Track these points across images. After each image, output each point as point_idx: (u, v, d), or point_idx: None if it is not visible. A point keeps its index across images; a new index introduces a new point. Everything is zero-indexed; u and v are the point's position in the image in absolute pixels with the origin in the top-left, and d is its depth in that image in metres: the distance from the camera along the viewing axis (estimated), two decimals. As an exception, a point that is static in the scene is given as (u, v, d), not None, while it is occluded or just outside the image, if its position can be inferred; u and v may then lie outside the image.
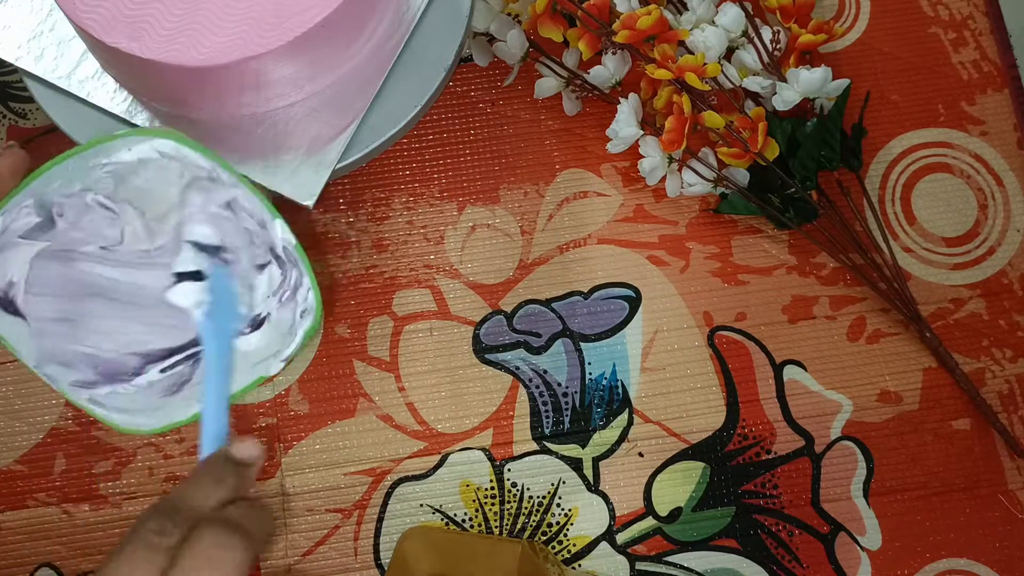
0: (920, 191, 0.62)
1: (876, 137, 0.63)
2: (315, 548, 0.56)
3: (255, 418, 0.58)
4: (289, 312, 0.38)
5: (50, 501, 0.57)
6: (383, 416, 0.58)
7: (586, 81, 0.59)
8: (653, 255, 0.61)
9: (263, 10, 0.41)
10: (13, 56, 0.46)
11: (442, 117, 0.63)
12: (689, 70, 0.54)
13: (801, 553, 0.56)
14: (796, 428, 0.58)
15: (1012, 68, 0.64)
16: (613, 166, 0.62)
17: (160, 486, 0.57)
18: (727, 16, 0.56)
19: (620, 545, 0.56)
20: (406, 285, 0.60)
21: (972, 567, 0.56)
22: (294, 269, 0.38)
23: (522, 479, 0.57)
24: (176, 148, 0.37)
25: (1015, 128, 0.63)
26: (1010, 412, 0.58)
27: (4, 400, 0.58)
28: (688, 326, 0.59)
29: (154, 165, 0.37)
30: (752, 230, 0.61)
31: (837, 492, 0.57)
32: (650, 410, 0.58)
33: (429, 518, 0.56)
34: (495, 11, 0.60)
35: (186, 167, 0.38)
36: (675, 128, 0.55)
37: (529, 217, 0.61)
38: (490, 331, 0.59)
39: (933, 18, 0.65)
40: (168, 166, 0.38)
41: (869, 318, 0.60)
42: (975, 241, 0.61)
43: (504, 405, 0.58)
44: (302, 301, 0.38)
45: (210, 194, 0.38)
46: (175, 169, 0.38)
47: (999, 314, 0.60)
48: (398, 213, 0.61)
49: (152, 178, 0.38)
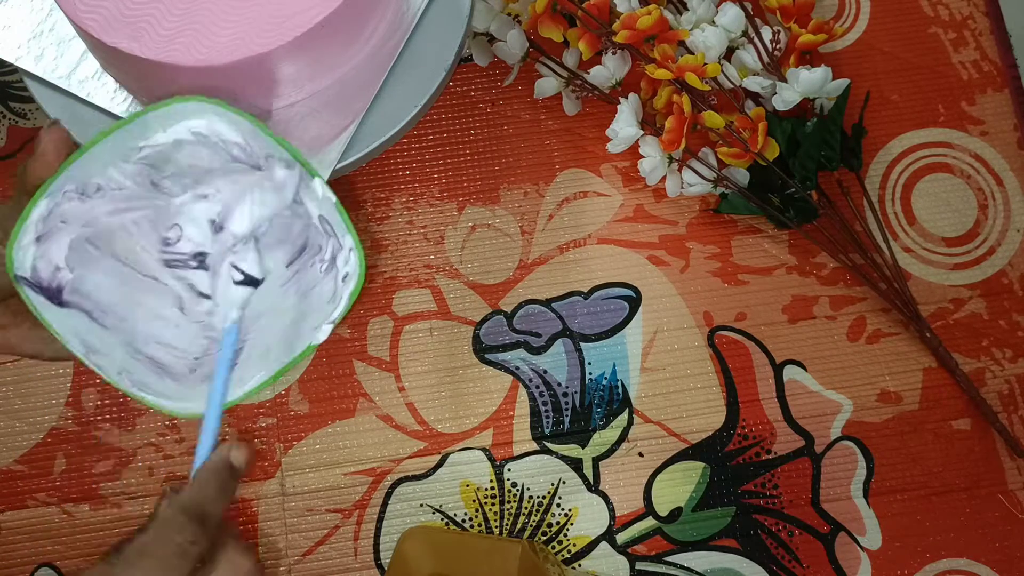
0: (920, 191, 0.62)
1: (876, 137, 0.63)
2: (315, 548, 0.56)
3: (255, 418, 0.58)
4: (331, 280, 0.38)
5: (50, 501, 0.57)
6: (383, 416, 0.58)
7: (586, 81, 0.59)
8: (653, 255, 0.61)
9: (263, 10, 0.41)
10: (13, 56, 0.46)
11: (442, 117, 0.63)
12: (689, 70, 0.54)
13: (801, 553, 0.56)
14: (796, 428, 0.58)
15: (1012, 68, 0.64)
16: (613, 166, 0.62)
17: (160, 486, 0.57)
18: (727, 16, 0.56)
19: (620, 545, 0.56)
20: (406, 285, 0.60)
21: (972, 567, 0.56)
22: (331, 239, 0.38)
23: (522, 479, 0.57)
24: (208, 126, 0.37)
25: (1015, 128, 0.63)
26: (1010, 412, 0.58)
27: (4, 400, 0.58)
28: (688, 326, 0.59)
29: (187, 152, 0.37)
30: (752, 230, 0.61)
31: (837, 492, 0.57)
32: (650, 410, 0.58)
33: (429, 518, 0.56)
34: (495, 11, 0.60)
35: (215, 152, 0.37)
36: (675, 128, 0.55)
37: (529, 217, 0.61)
38: (490, 331, 0.59)
39: (933, 18, 0.65)
40: (198, 154, 0.37)
41: (869, 318, 0.60)
42: (975, 241, 0.61)
43: (504, 405, 0.58)
44: (343, 266, 0.37)
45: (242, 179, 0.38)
46: (204, 157, 0.37)
47: (999, 314, 0.60)
48: (398, 213, 0.61)
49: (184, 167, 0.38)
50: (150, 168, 0.37)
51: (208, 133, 0.37)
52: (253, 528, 0.56)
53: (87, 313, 0.36)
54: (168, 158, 0.37)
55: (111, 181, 0.36)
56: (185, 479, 0.57)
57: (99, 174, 0.36)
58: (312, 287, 0.39)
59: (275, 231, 0.38)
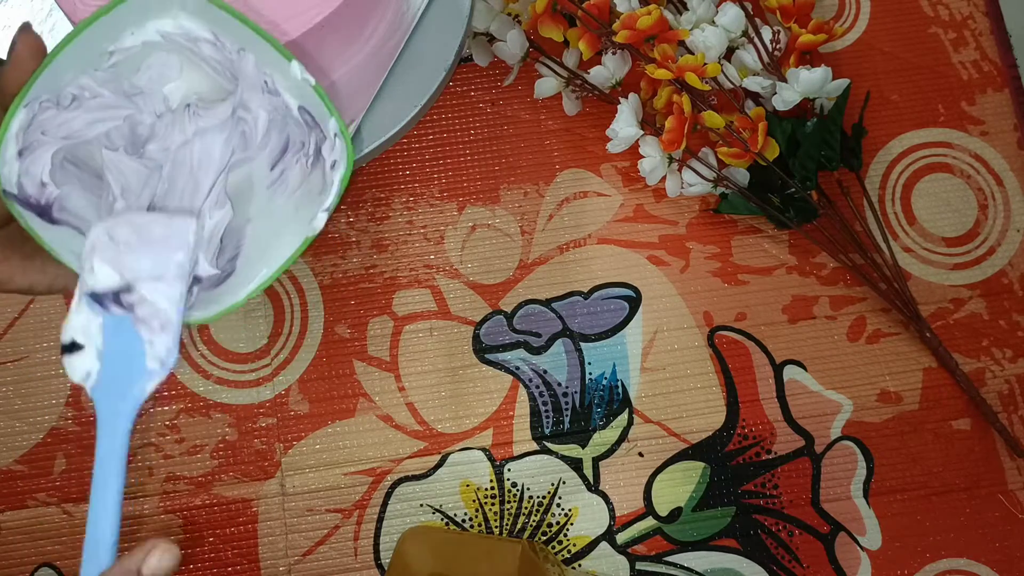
0: (920, 191, 0.62)
1: (876, 137, 0.63)
2: (315, 548, 0.56)
3: (255, 418, 0.58)
4: (319, 172, 0.38)
5: (50, 501, 0.57)
6: (383, 416, 0.58)
7: (586, 81, 0.59)
8: (653, 255, 0.61)
9: (263, 11, 0.41)
10: (13, 56, 0.46)
11: (442, 117, 0.63)
12: (689, 70, 0.54)
13: (801, 553, 0.56)
14: (796, 428, 0.58)
15: (1012, 68, 0.64)
16: (613, 166, 0.62)
17: (160, 486, 0.57)
18: (727, 16, 0.56)
19: (620, 545, 0.56)
20: (406, 285, 0.60)
21: (972, 567, 0.56)
22: (313, 131, 0.37)
23: (522, 479, 0.57)
24: (176, 24, 0.36)
25: (1015, 128, 0.63)
26: (1010, 412, 0.58)
27: (4, 400, 0.58)
28: (688, 326, 0.59)
29: (158, 56, 0.37)
30: (752, 230, 0.61)
31: (837, 492, 0.57)
32: (650, 410, 0.58)
33: (429, 518, 0.56)
34: (495, 11, 0.60)
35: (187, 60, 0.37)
36: (675, 128, 0.55)
37: (529, 217, 0.61)
38: (490, 331, 0.59)
39: (933, 18, 0.65)
40: (168, 62, 0.37)
41: (869, 318, 0.60)
42: (975, 241, 0.61)
43: (504, 405, 0.58)
44: (329, 154, 0.37)
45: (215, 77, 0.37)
46: (174, 65, 0.37)
47: (999, 314, 0.60)
48: (398, 213, 0.61)
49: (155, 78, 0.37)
50: (122, 76, 0.37)
51: (176, 32, 0.36)
52: (253, 528, 0.56)
53: (77, 230, 0.36)
54: (139, 66, 0.37)
55: (85, 90, 0.36)
56: (185, 479, 0.57)
57: (72, 82, 0.35)
58: (300, 183, 0.38)
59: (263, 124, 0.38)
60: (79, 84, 0.36)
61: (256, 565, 0.56)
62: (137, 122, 0.38)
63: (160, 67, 0.37)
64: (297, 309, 0.59)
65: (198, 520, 0.56)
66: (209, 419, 0.58)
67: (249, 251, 0.38)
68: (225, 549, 0.56)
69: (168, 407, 0.58)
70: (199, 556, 0.56)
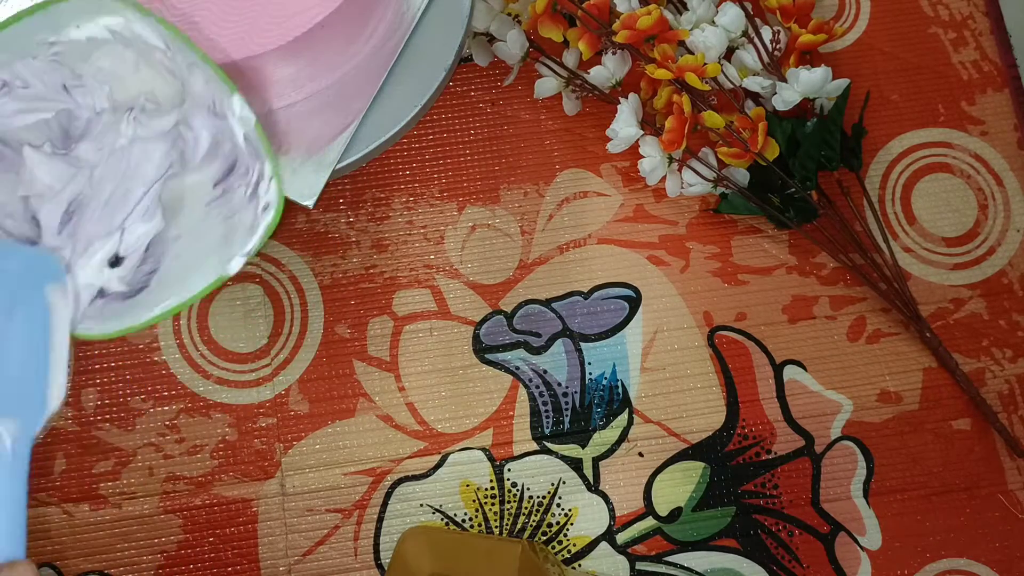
0: (920, 191, 0.62)
1: (876, 137, 0.63)
2: (315, 548, 0.56)
3: (255, 418, 0.58)
4: (252, 209, 0.37)
5: (50, 501, 0.57)
6: (383, 416, 0.58)
7: (586, 81, 0.59)
8: (653, 255, 0.61)
9: (263, 10, 0.41)
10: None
11: (442, 117, 0.63)
12: (689, 70, 0.54)
13: (801, 553, 0.56)
14: (796, 428, 0.58)
15: (1012, 68, 0.64)
16: (613, 166, 0.62)
17: (160, 486, 0.57)
18: (727, 16, 0.56)
19: (620, 545, 0.56)
20: (406, 285, 0.60)
21: (972, 567, 0.56)
22: (257, 162, 0.37)
23: (522, 479, 0.57)
24: (127, 26, 0.35)
25: (1015, 128, 0.63)
26: (1010, 412, 0.58)
27: (4, 400, 0.58)
28: (688, 326, 0.59)
29: (108, 52, 0.36)
30: (752, 230, 0.61)
31: (837, 492, 0.57)
32: (650, 410, 0.58)
33: (429, 518, 0.56)
34: (495, 11, 0.60)
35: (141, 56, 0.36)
36: (675, 128, 0.55)
37: (529, 217, 0.61)
38: (490, 331, 0.59)
39: (933, 18, 0.65)
40: (123, 56, 0.36)
41: (869, 318, 0.60)
42: (975, 241, 0.61)
43: (504, 405, 0.58)
44: (264, 195, 0.36)
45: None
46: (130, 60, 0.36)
47: (999, 314, 0.60)
48: (398, 213, 0.61)
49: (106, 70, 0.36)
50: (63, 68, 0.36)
51: (127, 33, 0.36)
52: (253, 528, 0.56)
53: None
54: (85, 57, 0.36)
55: (16, 78, 0.35)
56: (185, 479, 0.57)
57: (4, 67, 0.35)
58: (235, 213, 0.38)
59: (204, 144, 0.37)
60: (11, 70, 0.35)
61: (256, 565, 0.56)
62: (72, 117, 0.37)
63: (113, 59, 0.36)
64: (297, 309, 0.59)
65: (198, 520, 0.56)
66: (209, 419, 0.58)
67: (167, 271, 0.37)
68: (225, 549, 0.56)
69: (168, 407, 0.58)
70: (199, 556, 0.56)
